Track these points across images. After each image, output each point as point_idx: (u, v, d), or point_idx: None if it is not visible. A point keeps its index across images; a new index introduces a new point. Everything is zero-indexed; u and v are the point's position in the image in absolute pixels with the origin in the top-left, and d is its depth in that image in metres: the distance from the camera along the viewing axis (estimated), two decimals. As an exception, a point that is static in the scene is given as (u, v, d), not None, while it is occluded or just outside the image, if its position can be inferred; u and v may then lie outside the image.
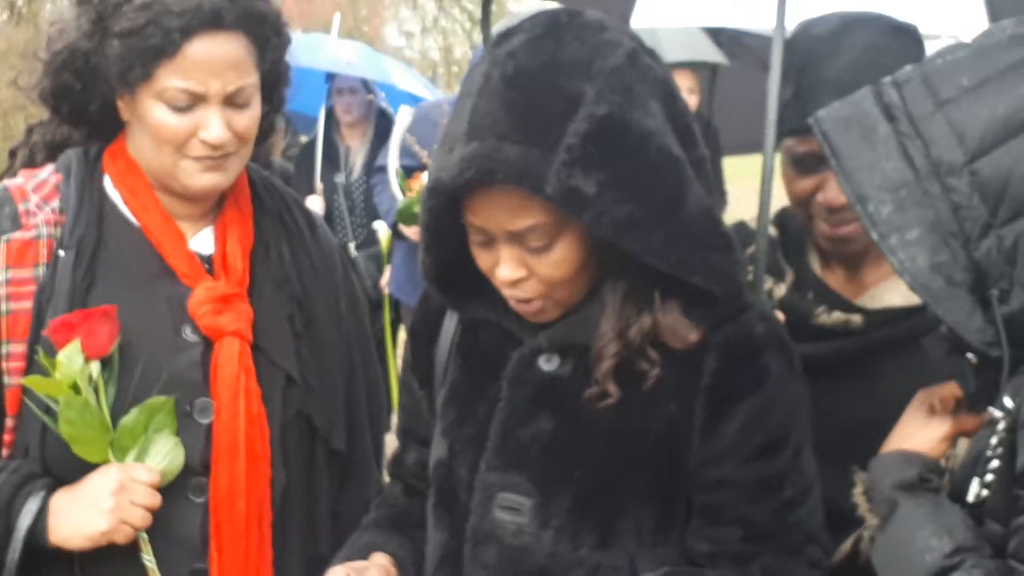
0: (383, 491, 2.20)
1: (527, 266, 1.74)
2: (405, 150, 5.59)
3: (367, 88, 6.85)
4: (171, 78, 1.98)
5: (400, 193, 5.58)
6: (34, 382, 1.95)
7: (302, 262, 2.22)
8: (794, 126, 2.05)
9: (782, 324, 1.86)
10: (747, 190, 2.45)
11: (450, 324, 1.97)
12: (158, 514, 1.99)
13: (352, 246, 6.47)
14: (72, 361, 1.93)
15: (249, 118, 2.07)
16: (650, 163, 1.68)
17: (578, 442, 1.78)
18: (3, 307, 2.00)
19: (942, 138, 1.58)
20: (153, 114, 2.01)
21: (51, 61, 2.08)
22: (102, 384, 1.98)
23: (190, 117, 2.01)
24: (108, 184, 2.13)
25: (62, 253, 2.03)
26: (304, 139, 7.51)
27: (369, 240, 6.52)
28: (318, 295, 2.23)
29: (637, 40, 1.76)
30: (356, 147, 6.79)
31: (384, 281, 6.23)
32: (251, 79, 2.06)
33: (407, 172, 5.56)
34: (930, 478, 1.68)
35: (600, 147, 1.65)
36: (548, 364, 1.81)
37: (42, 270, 2.02)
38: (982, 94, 1.58)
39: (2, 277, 2.01)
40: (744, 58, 6.22)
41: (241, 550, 2.05)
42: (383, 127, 6.58)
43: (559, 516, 1.77)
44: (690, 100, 6.54)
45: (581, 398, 1.77)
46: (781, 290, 2.16)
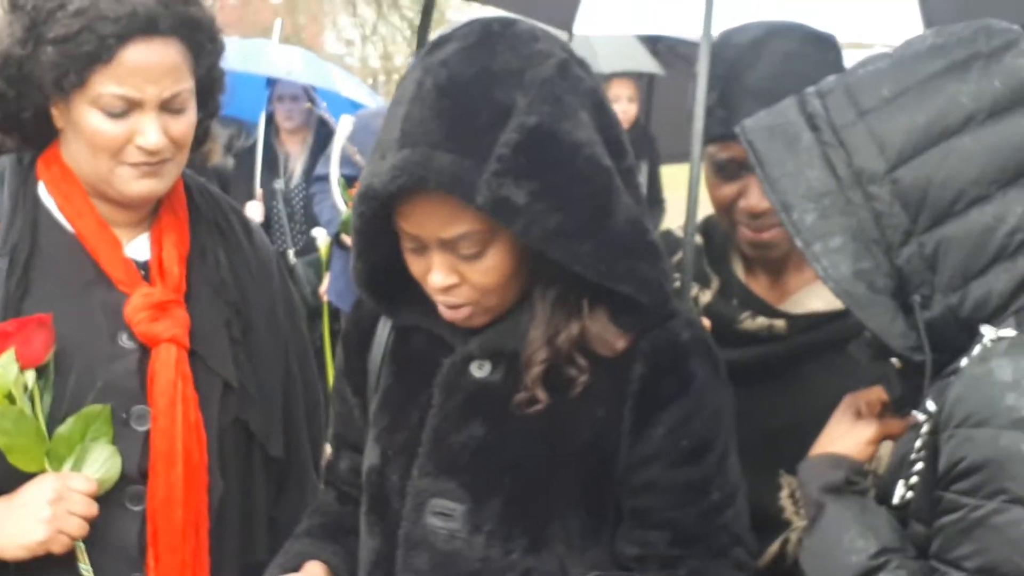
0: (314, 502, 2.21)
1: (459, 273, 1.74)
2: (346, 159, 5.59)
3: (308, 96, 6.83)
4: (106, 84, 1.97)
5: (343, 203, 5.57)
6: None
7: (239, 268, 2.22)
8: (717, 133, 2.07)
9: (708, 331, 1.88)
10: (680, 197, 2.47)
11: (383, 331, 1.97)
12: (95, 523, 1.98)
13: (291, 253, 6.45)
14: (7, 370, 1.92)
15: (185, 124, 2.06)
16: (579, 173, 1.69)
17: (509, 448, 1.80)
18: None
19: (864, 147, 1.61)
20: (88, 121, 2.00)
21: None
22: (37, 393, 1.96)
23: (126, 123, 1.99)
24: (42, 191, 2.10)
25: None
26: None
27: (308, 247, 6.50)
28: (255, 301, 2.22)
29: (569, 51, 1.78)
30: (296, 153, 6.77)
31: (323, 288, 6.21)
32: (187, 84, 2.05)
33: (348, 181, 5.55)
34: (856, 481, 1.70)
35: (530, 157, 1.66)
36: (480, 371, 1.82)
37: None
38: (902, 104, 1.60)
39: None
40: (680, 67, 6.28)
41: (178, 558, 2.04)
42: (323, 134, 6.57)
43: (490, 521, 1.78)
44: (630, 109, 6.58)
45: (512, 404, 1.78)
46: (707, 296, 2.18)
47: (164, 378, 2.04)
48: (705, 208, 2.25)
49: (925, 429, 1.56)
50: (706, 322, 2.06)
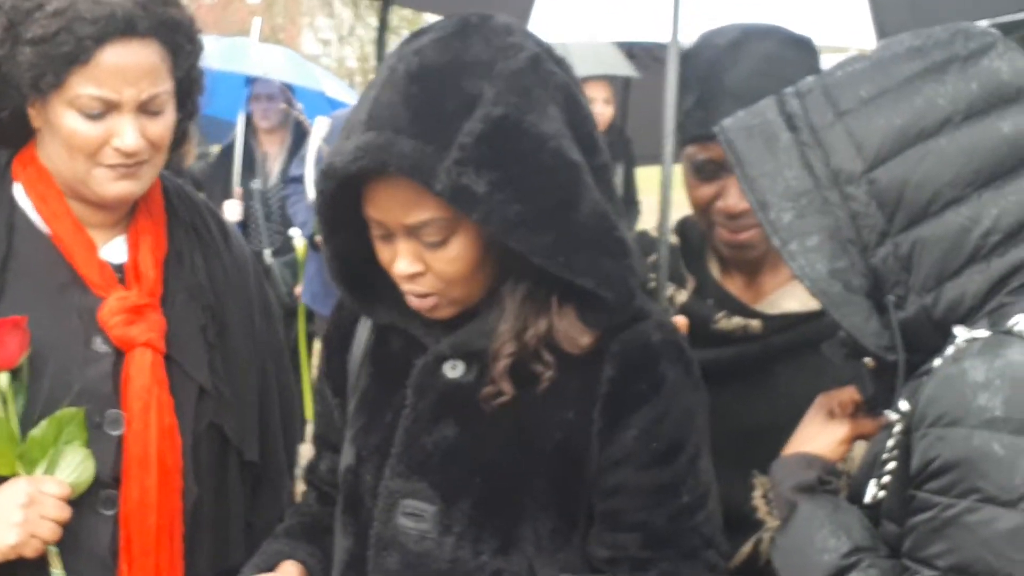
0: (295, 501, 2.19)
1: (423, 261, 1.75)
2: (321, 160, 5.57)
3: (284, 97, 6.82)
4: (84, 85, 1.95)
5: None
6: None
7: (215, 272, 2.21)
8: (696, 134, 2.08)
9: (681, 332, 1.88)
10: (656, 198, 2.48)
11: (363, 332, 1.97)
12: (68, 527, 1.97)
13: (268, 253, 6.44)
14: (-20, 373, 1.90)
15: (163, 125, 2.05)
16: (543, 165, 1.69)
17: (479, 449, 1.80)
18: None
19: (841, 148, 1.61)
20: (66, 122, 1.98)
21: None
22: (11, 396, 1.95)
23: (103, 124, 1.98)
24: (18, 192, 2.09)
25: None
26: (216, 147, 7.45)
27: (285, 247, 6.49)
28: (231, 305, 2.21)
29: (544, 47, 1.78)
30: (273, 153, 6.76)
31: (299, 289, 6.20)
32: (165, 86, 2.04)
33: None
34: (829, 480, 1.71)
35: (493, 147, 1.66)
36: (453, 371, 1.82)
37: None
38: (880, 105, 1.61)
39: None
40: (656, 70, 6.26)
41: (152, 563, 2.03)
42: (301, 135, 6.57)
43: (460, 522, 1.78)
44: (605, 111, 6.59)
45: (483, 405, 1.78)
46: (683, 296, 2.18)
47: (138, 382, 2.02)
48: (681, 209, 2.26)
49: (898, 429, 1.57)
50: (682, 321, 2.06)
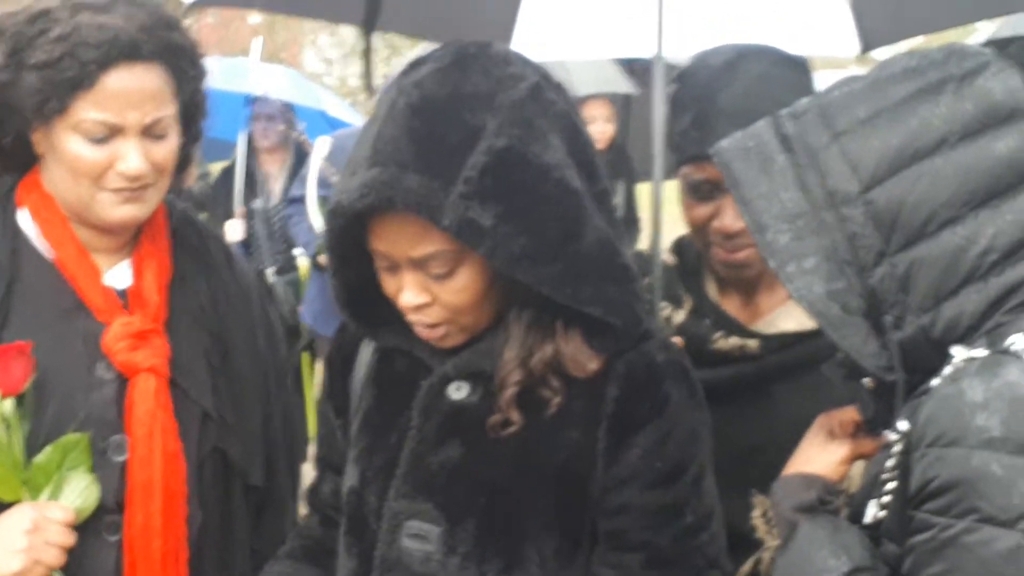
0: (298, 524, 2.19)
1: (430, 292, 1.75)
2: (324, 180, 5.58)
3: (285, 117, 6.83)
4: (88, 110, 1.96)
5: (320, 224, 5.55)
6: None
7: (219, 296, 2.21)
8: (691, 154, 2.09)
9: (684, 353, 1.88)
10: (663, 216, 2.50)
11: (366, 353, 1.97)
12: (72, 553, 1.96)
13: (270, 272, 6.45)
14: (-15, 399, 1.90)
15: (167, 149, 2.05)
16: (547, 196, 1.70)
17: (484, 470, 1.80)
18: None
19: (837, 169, 1.62)
20: (70, 147, 1.98)
21: None
22: (16, 422, 1.94)
23: (107, 149, 1.98)
24: (22, 217, 2.09)
25: None
26: (217, 166, 7.46)
27: (287, 266, 6.49)
28: (235, 329, 2.21)
29: (542, 74, 1.79)
30: (274, 173, 6.77)
31: (302, 308, 6.20)
32: (169, 110, 2.04)
33: (325, 203, 5.54)
34: (829, 500, 1.71)
35: (498, 179, 1.67)
36: (457, 393, 1.83)
37: None
38: (876, 126, 1.61)
39: None
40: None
41: (157, 588, 2.03)
42: (302, 155, 6.58)
43: (465, 543, 1.78)
44: (607, 129, 6.60)
45: (488, 427, 1.79)
46: (679, 316, 2.19)
47: (142, 408, 2.02)
48: (679, 226, 2.26)
49: (897, 449, 1.57)
50: (679, 341, 2.07)
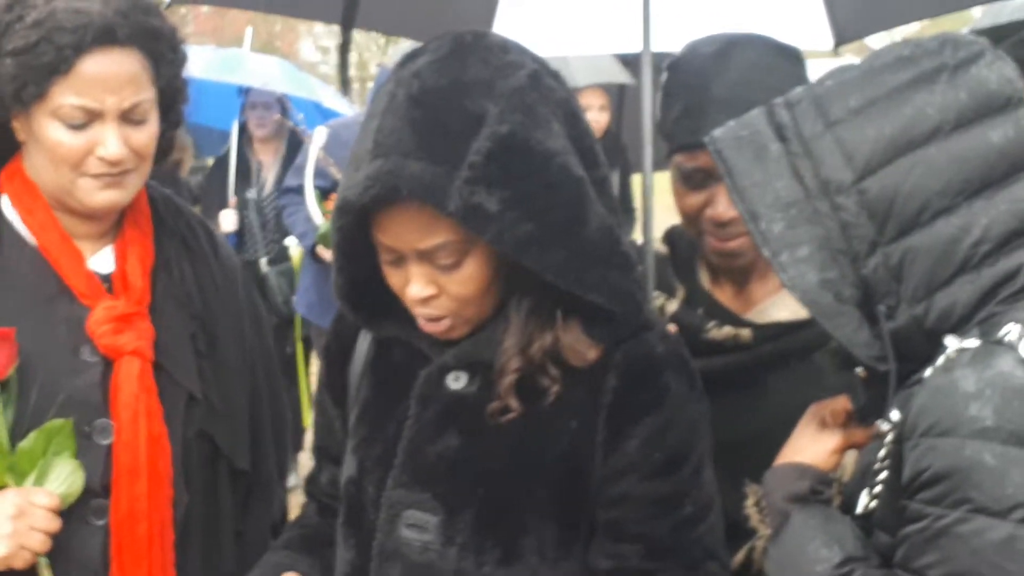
0: (286, 511, 2.19)
1: (437, 284, 1.74)
2: (320, 170, 5.56)
3: (281, 106, 6.82)
4: (66, 95, 1.96)
5: (318, 214, 5.55)
6: None
7: (204, 281, 2.21)
8: (683, 143, 2.08)
9: (683, 343, 1.87)
10: (656, 206, 2.50)
11: (364, 343, 1.97)
12: (58, 538, 1.97)
13: (263, 262, 6.44)
14: (-31, 385, 1.90)
15: (147, 134, 2.05)
16: (551, 182, 1.69)
17: (483, 459, 1.79)
18: None
19: (831, 158, 1.61)
20: (49, 133, 1.99)
21: None
22: (0, 407, 1.94)
23: (86, 134, 1.98)
24: (5, 204, 2.09)
25: None
26: (210, 160, 7.45)
27: (280, 256, 6.49)
28: (221, 314, 2.21)
29: (540, 62, 1.78)
30: (268, 163, 6.76)
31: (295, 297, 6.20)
32: (147, 95, 2.04)
33: (323, 193, 5.53)
34: (821, 490, 1.71)
35: (502, 165, 1.66)
36: (456, 382, 1.82)
37: None
38: (870, 115, 1.61)
39: None
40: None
41: (143, 572, 2.03)
42: (295, 144, 6.57)
43: (463, 533, 1.78)
44: (601, 118, 6.59)
45: (486, 416, 1.78)
46: (672, 306, 2.19)
47: (127, 391, 2.02)
48: (672, 218, 2.26)
49: (889, 439, 1.57)
50: (672, 330, 2.06)
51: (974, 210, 1.58)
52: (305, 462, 2.01)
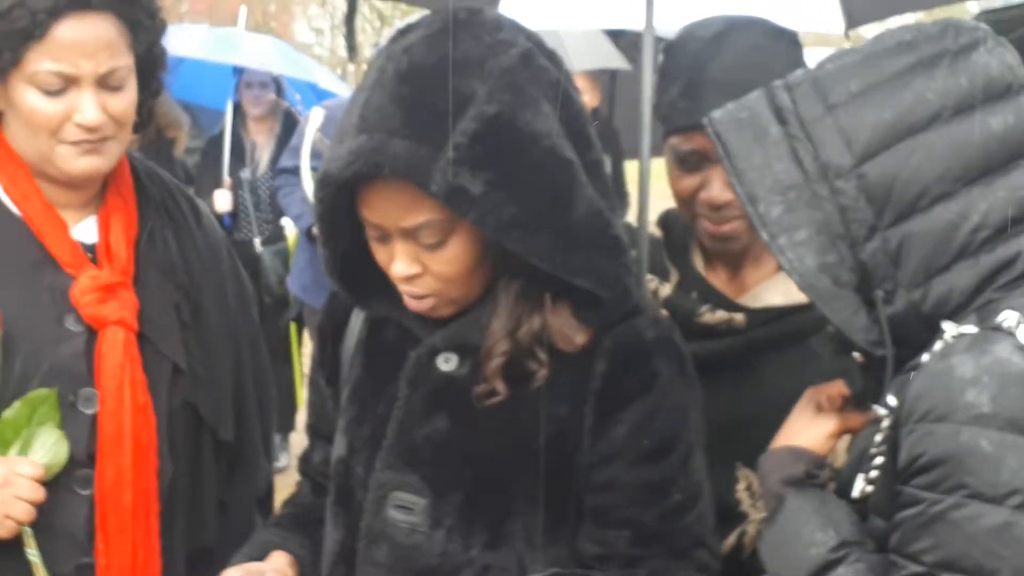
0: (272, 484, 2.18)
1: (421, 263, 1.73)
2: (317, 151, 5.55)
3: (277, 85, 6.81)
4: (41, 61, 1.95)
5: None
6: None
7: (188, 251, 2.20)
8: (680, 124, 2.07)
9: (675, 329, 1.86)
10: (651, 193, 2.49)
11: (356, 322, 1.96)
12: (43, 508, 1.96)
13: (258, 242, 6.44)
14: (-49, 354, 1.89)
15: (125, 101, 2.04)
16: (537, 164, 1.68)
17: (470, 442, 1.79)
18: None
19: (831, 141, 1.61)
20: (26, 100, 1.98)
21: None
22: None
23: (63, 101, 1.98)
24: None
25: None
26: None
27: (275, 236, 6.48)
28: (205, 285, 2.21)
29: (535, 41, 1.76)
30: (262, 143, 6.76)
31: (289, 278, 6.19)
32: (124, 61, 2.03)
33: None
34: (816, 474, 1.70)
35: (487, 146, 1.65)
36: (446, 364, 1.81)
37: None
38: (870, 99, 1.60)
39: None
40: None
41: (128, 542, 2.03)
42: (290, 124, 6.56)
43: (451, 516, 1.77)
44: (586, 103, 6.55)
45: (475, 399, 1.77)
46: (666, 290, 2.18)
47: (112, 360, 2.02)
48: (666, 205, 2.26)
49: (886, 424, 1.56)
50: (664, 315, 2.06)
51: (973, 196, 1.57)
52: (298, 442, 2.01)
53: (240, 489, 2.27)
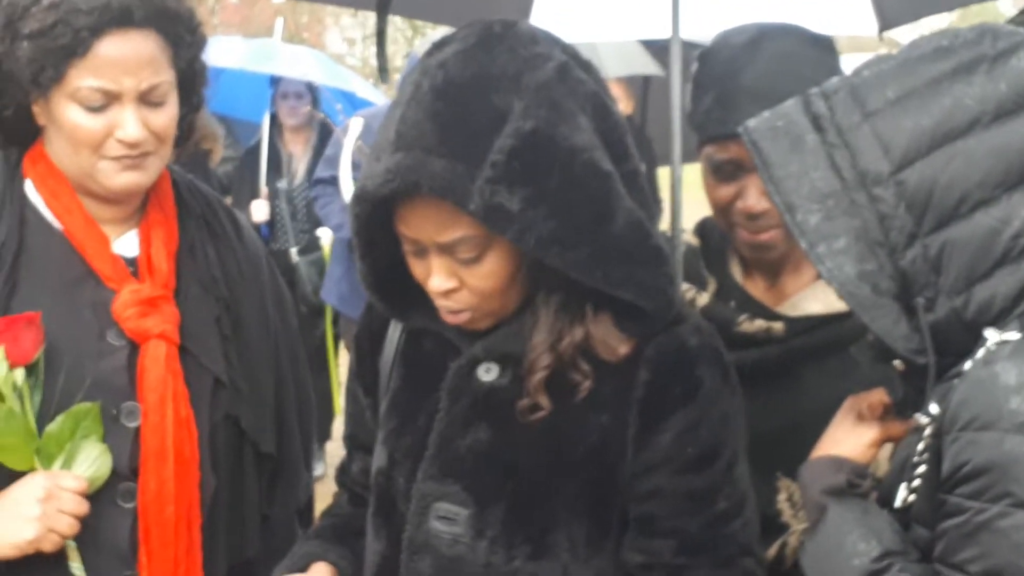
0: (312, 496, 2.18)
1: (458, 277, 1.73)
2: (358, 162, 5.56)
3: (312, 95, 6.84)
4: (83, 77, 1.96)
5: None
6: None
7: (228, 264, 2.21)
8: (714, 133, 2.06)
9: (718, 337, 1.85)
10: (686, 199, 2.48)
11: (394, 332, 1.96)
12: (86, 521, 1.97)
13: (294, 251, 6.47)
14: (-4, 369, 1.90)
15: (166, 117, 2.05)
16: (576, 179, 1.67)
17: (513, 453, 1.78)
18: None
19: (868, 149, 1.60)
20: (68, 116, 1.99)
21: None
22: (27, 391, 1.95)
23: (105, 117, 1.98)
24: (29, 188, 2.09)
25: None
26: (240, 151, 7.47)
27: (311, 246, 6.51)
28: (245, 298, 2.21)
29: (571, 53, 1.76)
30: (299, 153, 6.79)
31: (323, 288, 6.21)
32: (165, 77, 2.04)
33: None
34: (858, 483, 1.69)
35: (525, 163, 1.64)
36: (487, 375, 1.81)
37: None
38: (907, 106, 1.59)
39: None
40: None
41: (170, 555, 2.03)
42: (325, 135, 6.59)
43: (494, 527, 1.77)
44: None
45: (517, 410, 1.77)
46: (703, 299, 2.17)
47: (154, 374, 2.03)
48: (700, 212, 2.25)
49: (928, 432, 1.55)
50: None
51: (1014, 202, 1.56)
52: (335, 451, 2.02)
53: (281, 501, 2.27)
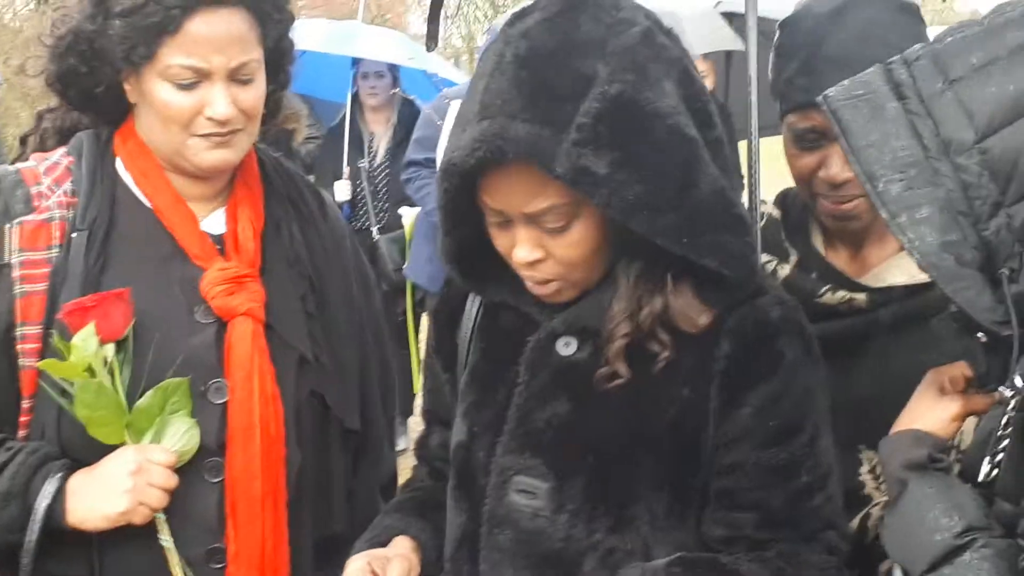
0: (395, 472, 2.19)
1: (544, 247, 1.73)
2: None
3: (393, 75, 6.87)
4: (174, 55, 1.99)
5: None
6: (49, 365, 1.96)
7: (313, 243, 2.23)
8: (797, 102, 2.04)
9: (800, 309, 1.83)
10: (766, 172, 2.45)
11: (472, 307, 1.97)
12: (175, 494, 2.01)
13: (375, 230, 6.51)
14: (87, 344, 1.94)
15: (254, 94, 2.07)
16: (662, 144, 1.66)
17: (592, 426, 1.78)
18: (17, 289, 2.01)
19: (952, 117, 1.56)
20: (159, 93, 2.02)
21: (56, 46, 2.09)
22: (117, 366, 1.98)
23: (195, 94, 2.01)
24: (120, 166, 2.13)
25: (75, 235, 2.04)
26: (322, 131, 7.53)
27: (392, 224, 6.54)
28: (330, 275, 2.23)
29: (653, 19, 1.75)
30: (380, 133, 6.84)
31: (407, 266, 6.24)
32: (254, 55, 2.06)
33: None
34: (940, 458, 1.67)
35: (611, 127, 1.63)
36: (566, 348, 1.81)
37: (55, 252, 2.03)
38: (992, 73, 1.56)
39: (16, 259, 2.01)
40: (759, 43, 6.17)
41: (257, 529, 2.06)
42: (407, 114, 6.62)
43: (574, 500, 1.77)
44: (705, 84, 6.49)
45: (596, 382, 1.77)
46: (785, 270, 2.15)
47: (241, 351, 2.06)
48: (779, 185, 2.22)
49: (1012, 405, 1.53)
50: None
51: None
52: (415, 426, 2.03)
53: (366, 477, 2.29)
